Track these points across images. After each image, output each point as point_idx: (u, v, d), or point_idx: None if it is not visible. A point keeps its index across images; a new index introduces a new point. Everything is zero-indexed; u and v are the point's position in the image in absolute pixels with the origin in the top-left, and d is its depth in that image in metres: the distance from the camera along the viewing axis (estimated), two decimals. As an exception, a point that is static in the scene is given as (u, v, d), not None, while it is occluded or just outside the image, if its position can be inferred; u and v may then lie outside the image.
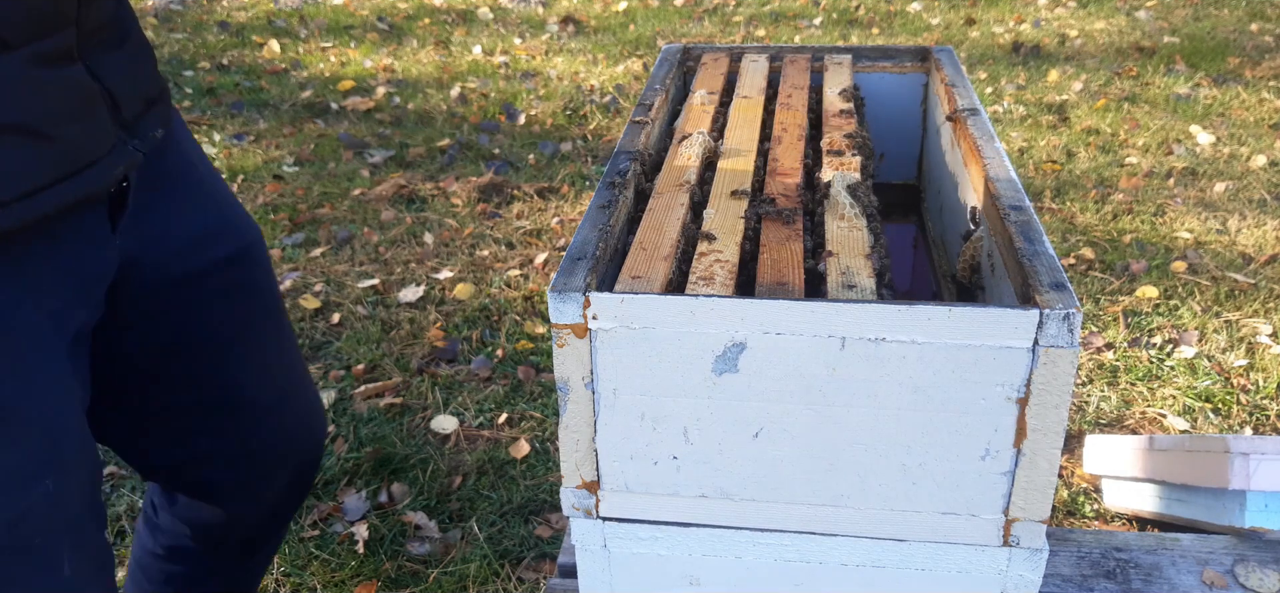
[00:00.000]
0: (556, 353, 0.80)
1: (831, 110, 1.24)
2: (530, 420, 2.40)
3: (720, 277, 0.84)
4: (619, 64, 4.92)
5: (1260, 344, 2.63)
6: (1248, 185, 3.53)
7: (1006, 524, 0.82)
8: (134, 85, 1.02)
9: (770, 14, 5.71)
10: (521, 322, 2.79)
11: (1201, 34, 5.18)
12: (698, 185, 1.04)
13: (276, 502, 1.36)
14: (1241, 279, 2.92)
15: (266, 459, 1.28)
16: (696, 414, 0.81)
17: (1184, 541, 1.44)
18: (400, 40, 5.30)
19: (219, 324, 1.16)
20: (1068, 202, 3.44)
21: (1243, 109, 4.21)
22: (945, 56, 1.34)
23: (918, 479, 0.81)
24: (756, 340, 0.78)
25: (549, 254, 3.15)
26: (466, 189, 3.55)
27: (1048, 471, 0.78)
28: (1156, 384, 2.51)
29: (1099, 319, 2.78)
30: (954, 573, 0.85)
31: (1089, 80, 4.58)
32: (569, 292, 0.78)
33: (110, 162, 0.97)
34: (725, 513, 0.86)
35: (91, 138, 0.94)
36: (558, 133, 4.15)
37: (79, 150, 0.93)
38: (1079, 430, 2.36)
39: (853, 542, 0.85)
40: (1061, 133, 4.05)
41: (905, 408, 0.79)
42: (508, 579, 1.97)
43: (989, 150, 1.04)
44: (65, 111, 0.91)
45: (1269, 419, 2.39)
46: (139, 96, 1.03)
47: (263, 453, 1.27)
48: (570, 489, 0.86)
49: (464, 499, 2.18)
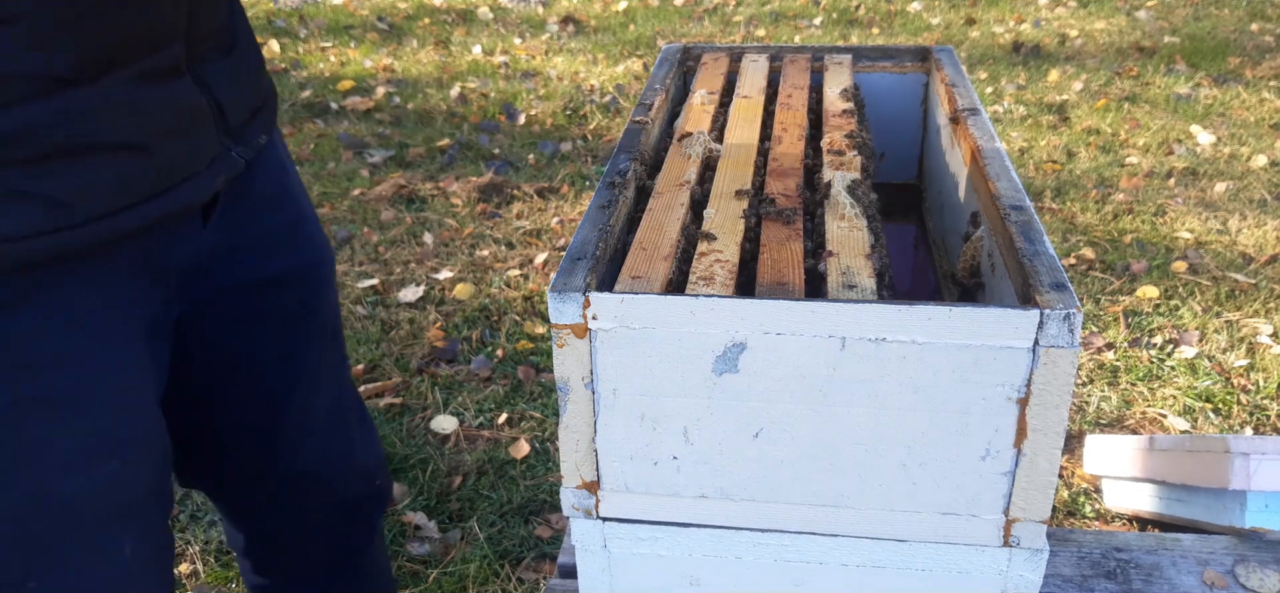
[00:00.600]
0: (556, 353, 0.80)
1: (832, 110, 1.24)
2: (530, 420, 2.40)
3: (720, 277, 0.84)
4: (619, 64, 4.92)
5: (1261, 344, 2.63)
6: (1248, 185, 3.53)
7: (1007, 525, 0.82)
8: (241, 92, 1.01)
9: (770, 14, 5.71)
10: (521, 322, 2.79)
11: (1202, 34, 5.18)
12: (698, 185, 1.04)
13: (328, 541, 1.31)
14: (1242, 279, 2.92)
15: (305, 488, 1.24)
16: (696, 414, 0.81)
17: (1184, 541, 1.44)
18: (400, 40, 5.30)
19: (272, 338, 1.14)
20: (1068, 202, 3.44)
21: (1243, 109, 4.21)
22: (945, 56, 1.34)
23: (918, 479, 0.81)
24: (756, 340, 0.77)
25: (549, 254, 3.15)
26: (466, 189, 3.55)
27: (1048, 471, 0.78)
28: (1157, 384, 2.51)
29: (1099, 319, 2.78)
30: (954, 573, 0.85)
31: (1089, 80, 4.58)
32: (569, 292, 0.78)
33: (211, 173, 0.97)
34: (725, 513, 0.86)
35: (194, 151, 0.94)
36: (558, 133, 4.15)
37: (180, 164, 0.92)
38: (1079, 430, 2.36)
39: (853, 542, 0.85)
40: (1062, 133, 4.05)
41: (905, 408, 0.78)
42: (508, 579, 1.97)
43: (989, 150, 1.04)
44: (169, 127, 0.90)
45: (1269, 419, 2.38)
46: (246, 104, 1.03)
47: (300, 481, 1.23)
48: (570, 489, 0.86)
49: (464, 499, 2.18)
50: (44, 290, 0.87)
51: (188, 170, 0.93)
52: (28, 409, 0.89)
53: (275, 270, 1.11)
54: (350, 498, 1.30)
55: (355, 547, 1.35)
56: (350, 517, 1.32)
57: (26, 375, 0.88)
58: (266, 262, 1.10)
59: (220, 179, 0.98)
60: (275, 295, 1.12)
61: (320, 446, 1.23)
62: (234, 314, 1.09)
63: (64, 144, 0.82)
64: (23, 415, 0.89)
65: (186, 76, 0.93)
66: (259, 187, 1.08)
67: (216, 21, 0.97)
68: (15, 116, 0.78)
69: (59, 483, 0.91)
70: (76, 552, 0.95)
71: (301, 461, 1.21)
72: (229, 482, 1.24)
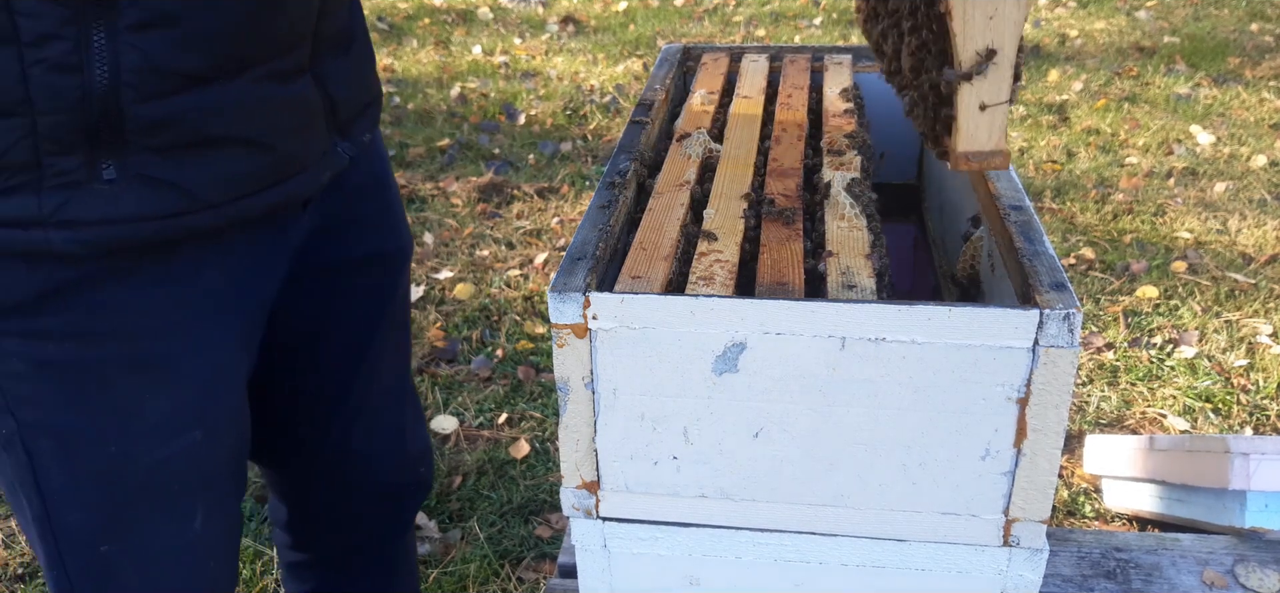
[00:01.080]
0: (556, 353, 0.80)
1: (831, 110, 1.24)
2: (530, 420, 2.40)
3: (720, 277, 0.84)
4: (619, 64, 4.92)
5: (1260, 344, 2.63)
6: (1248, 185, 3.53)
7: (1006, 524, 0.82)
8: (353, 91, 1.05)
9: (770, 14, 5.71)
10: (521, 322, 2.79)
11: (1201, 34, 5.18)
12: (698, 185, 1.04)
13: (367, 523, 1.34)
14: (1242, 279, 2.92)
15: (352, 467, 1.27)
16: (696, 414, 0.81)
17: (1184, 541, 1.44)
18: (400, 40, 5.30)
19: (349, 316, 1.18)
20: (1068, 202, 3.44)
21: (1243, 109, 4.21)
22: (945, 56, 1.34)
23: (918, 479, 0.81)
24: (756, 340, 0.78)
25: (549, 254, 3.15)
26: (466, 189, 3.55)
27: (1048, 471, 0.78)
28: (1156, 384, 2.51)
29: (1099, 319, 2.78)
30: (954, 573, 0.85)
31: (1089, 80, 4.58)
32: (569, 292, 0.78)
33: (320, 168, 1.01)
34: (725, 513, 0.86)
35: (307, 146, 0.99)
36: (558, 133, 4.15)
37: (294, 159, 0.97)
38: (1079, 430, 2.36)
39: (853, 542, 0.85)
40: (1061, 133, 4.05)
41: (905, 408, 0.78)
42: (508, 579, 1.97)
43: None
44: (288, 124, 0.95)
45: (1269, 419, 2.39)
46: (356, 101, 1.07)
47: (349, 459, 1.26)
48: (570, 489, 0.86)
49: (464, 499, 2.18)
50: (157, 266, 0.92)
51: (300, 165, 0.98)
52: (124, 374, 0.93)
53: (360, 253, 1.16)
54: (393, 484, 1.33)
55: (391, 532, 1.39)
56: (391, 502, 1.35)
57: (129, 342, 0.93)
58: (354, 244, 1.15)
59: (327, 174, 1.02)
60: (357, 277, 1.17)
61: (373, 427, 1.26)
62: (317, 291, 1.13)
63: (195, 136, 0.87)
64: (119, 380, 0.93)
65: (308, 75, 0.97)
66: (357, 176, 1.12)
67: (339, 23, 1.01)
68: (157, 108, 0.84)
69: (146, 449, 0.96)
70: (151, 518, 0.99)
71: (355, 439, 1.25)
72: (284, 453, 1.27)
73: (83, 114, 0.81)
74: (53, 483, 0.95)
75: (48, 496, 0.95)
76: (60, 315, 0.89)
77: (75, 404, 0.92)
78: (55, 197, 0.83)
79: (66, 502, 0.96)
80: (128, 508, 0.97)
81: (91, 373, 0.92)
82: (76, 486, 0.95)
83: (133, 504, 0.97)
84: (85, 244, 0.85)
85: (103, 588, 1.00)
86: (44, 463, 0.94)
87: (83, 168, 0.83)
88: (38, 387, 0.91)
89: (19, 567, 2.02)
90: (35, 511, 0.96)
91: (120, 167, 0.84)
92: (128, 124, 0.83)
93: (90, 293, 0.89)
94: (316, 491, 1.31)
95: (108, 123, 0.82)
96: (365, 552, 1.37)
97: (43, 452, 0.93)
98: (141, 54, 0.81)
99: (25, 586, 1.99)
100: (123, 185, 0.85)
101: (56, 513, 0.96)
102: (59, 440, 0.93)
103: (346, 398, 1.21)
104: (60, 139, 0.82)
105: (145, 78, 0.82)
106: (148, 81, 0.83)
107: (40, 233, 0.84)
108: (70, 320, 0.89)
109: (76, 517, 0.96)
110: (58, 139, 0.81)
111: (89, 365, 0.91)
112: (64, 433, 0.93)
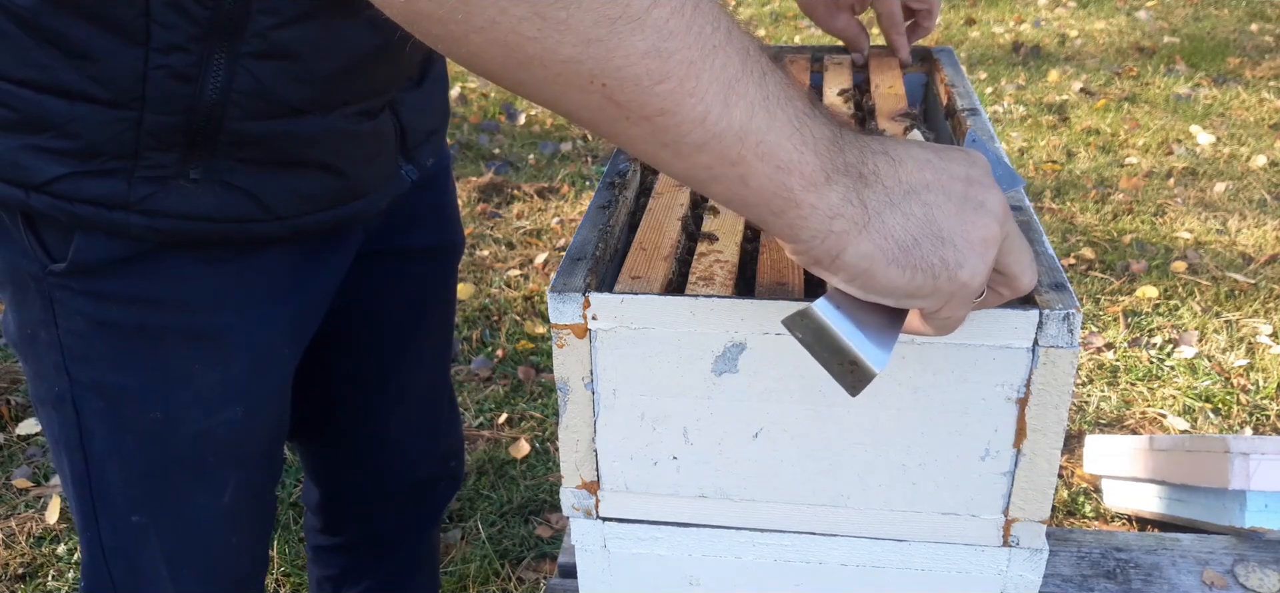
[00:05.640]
0: (556, 353, 0.80)
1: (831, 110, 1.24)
2: (530, 420, 2.41)
3: (720, 277, 0.84)
4: (619, 64, 4.91)
5: (1260, 344, 2.63)
6: (1248, 185, 3.53)
7: (1006, 525, 0.82)
8: (423, 119, 1.08)
9: (770, 14, 5.71)
10: (521, 322, 2.79)
11: (1201, 34, 5.18)
12: (698, 185, 1.04)
13: (397, 512, 1.37)
14: (1241, 279, 2.92)
15: (386, 455, 1.30)
16: (696, 414, 0.81)
17: (1184, 541, 1.44)
18: (400, 40, 5.30)
19: (398, 303, 1.21)
20: (1068, 202, 3.44)
21: (1243, 109, 4.21)
22: (945, 57, 1.34)
23: (917, 479, 0.81)
24: (756, 340, 0.78)
25: (549, 254, 3.15)
26: (466, 189, 3.55)
27: (1048, 471, 0.78)
28: (1156, 384, 2.51)
29: (1099, 319, 2.78)
30: (954, 573, 0.85)
31: (1089, 80, 4.59)
32: (569, 292, 0.78)
33: (385, 192, 1.05)
34: (725, 513, 0.86)
35: (377, 172, 1.03)
36: (558, 133, 4.15)
37: (363, 184, 1.01)
38: (1079, 430, 2.36)
39: (853, 542, 0.85)
40: (1061, 133, 4.05)
41: (905, 408, 0.78)
42: (508, 579, 1.97)
43: (989, 150, 1.04)
44: (364, 154, 0.99)
45: (1269, 419, 2.39)
46: (425, 129, 1.09)
47: (384, 447, 1.29)
48: (570, 489, 0.86)
49: (464, 499, 2.18)
50: (223, 248, 0.96)
51: (368, 189, 1.02)
52: (178, 342, 0.96)
53: (413, 243, 1.19)
54: (424, 476, 1.36)
55: (420, 524, 1.42)
56: (422, 493, 1.38)
57: (186, 312, 0.96)
58: (408, 234, 1.17)
59: (388, 199, 1.06)
60: (410, 265, 1.20)
61: (410, 418, 1.29)
62: (369, 274, 1.15)
63: (282, 157, 0.92)
64: (172, 347, 0.96)
65: (388, 110, 1.01)
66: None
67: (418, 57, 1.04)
68: (254, 128, 0.89)
69: (189, 417, 0.99)
70: (185, 488, 1.02)
71: (391, 428, 1.27)
72: (321, 434, 1.29)
73: (187, 120, 0.86)
74: (96, 444, 0.98)
75: (91, 457, 0.99)
76: (128, 279, 0.93)
77: (127, 365, 0.96)
78: (144, 187, 0.88)
79: (106, 462, 0.99)
80: (164, 477, 1.01)
81: (147, 336, 0.95)
82: (118, 446, 0.99)
83: (169, 474, 1.01)
84: (159, 232, 0.90)
85: (132, 552, 1.04)
86: (89, 423, 0.98)
87: (174, 166, 0.88)
88: (94, 345, 0.95)
89: (19, 567, 2.02)
90: (76, 470, 1.00)
91: (206, 170, 0.89)
92: (223, 136, 0.88)
93: (158, 262, 0.93)
94: (349, 475, 1.34)
95: (206, 132, 0.87)
96: (392, 541, 1.40)
97: (90, 411, 0.97)
98: (254, 79, 0.86)
99: (25, 586, 1.99)
100: (205, 187, 0.90)
101: (96, 473, 1.00)
102: (108, 400, 0.97)
103: (387, 385, 1.24)
104: (161, 137, 0.86)
105: (252, 100, 0.87)
106: (253, 104, 0.87)
107: (122, 215, 0.89)
108: (136, 285, 0.93)
109: (116, 478, 1.00)
110: (159, 137, 0.86)
111: (146, 329, 0.95)
112: (113, 392, 0.97)
